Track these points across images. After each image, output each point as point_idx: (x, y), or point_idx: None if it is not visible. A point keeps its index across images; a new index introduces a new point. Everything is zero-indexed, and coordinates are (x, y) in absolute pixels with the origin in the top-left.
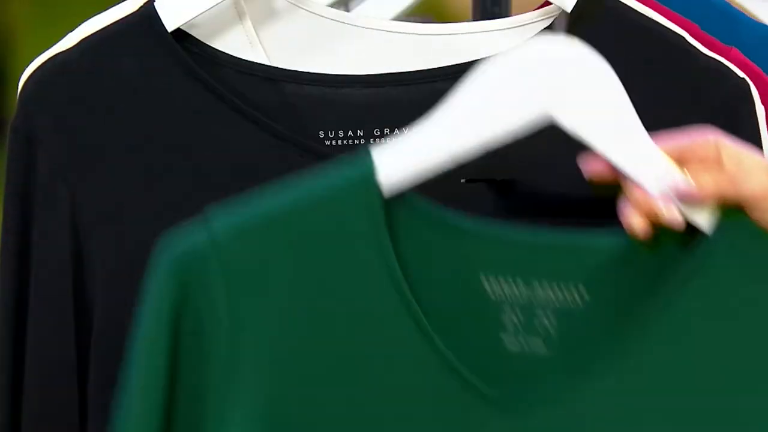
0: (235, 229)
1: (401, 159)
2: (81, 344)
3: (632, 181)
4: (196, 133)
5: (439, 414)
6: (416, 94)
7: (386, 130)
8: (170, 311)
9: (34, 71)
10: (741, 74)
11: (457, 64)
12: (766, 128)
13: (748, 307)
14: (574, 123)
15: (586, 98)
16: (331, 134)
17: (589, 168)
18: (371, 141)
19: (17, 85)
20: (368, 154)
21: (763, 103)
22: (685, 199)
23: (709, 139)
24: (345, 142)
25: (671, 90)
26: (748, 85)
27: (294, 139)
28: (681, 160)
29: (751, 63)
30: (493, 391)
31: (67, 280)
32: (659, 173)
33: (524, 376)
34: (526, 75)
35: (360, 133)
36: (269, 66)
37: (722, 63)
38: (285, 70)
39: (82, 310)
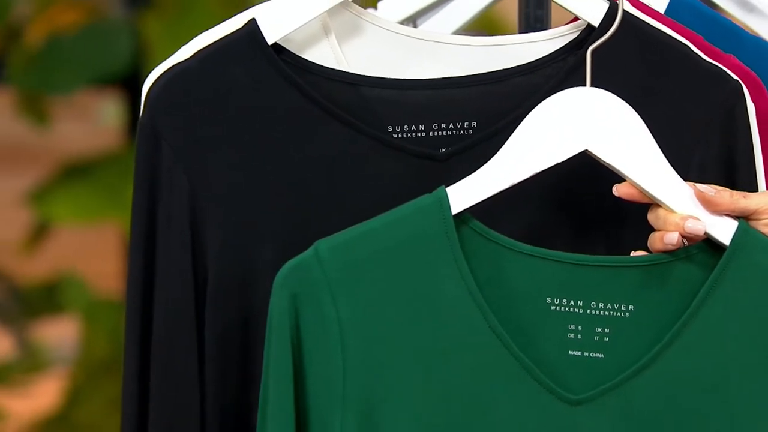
0: (334, 246)
1: (469, 188)
2: (199, 305)
3: (660, 203)
4: (291, 128)
5: (515, 407)
6: (469, 94)
7: (443, 125)
8: (285, 316)
9: (159, 77)
10: (735, 77)
11: (503, 69)
12: (755, 122)
13: (764, 308)
14: (610, 157)
15: (618, 136)
16: (398, 129)
17: (621, 193)
18: (431, 134)
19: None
20: (442, 187)
21: (757, 102)
22: (707, 204)
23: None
24: (409, 135)
25: (679, 90)
26: (741, 86)
27: (370, 132)
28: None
29: (748, 69)
30: (563, 388)
31: (187, 252)
32: (681, 194)
33: (587, 375)
34: (567, 118)
35: (421, 127)
36: (350, 73)
37: (720, 68)
38: (362, 76)
39: (200, 276)
